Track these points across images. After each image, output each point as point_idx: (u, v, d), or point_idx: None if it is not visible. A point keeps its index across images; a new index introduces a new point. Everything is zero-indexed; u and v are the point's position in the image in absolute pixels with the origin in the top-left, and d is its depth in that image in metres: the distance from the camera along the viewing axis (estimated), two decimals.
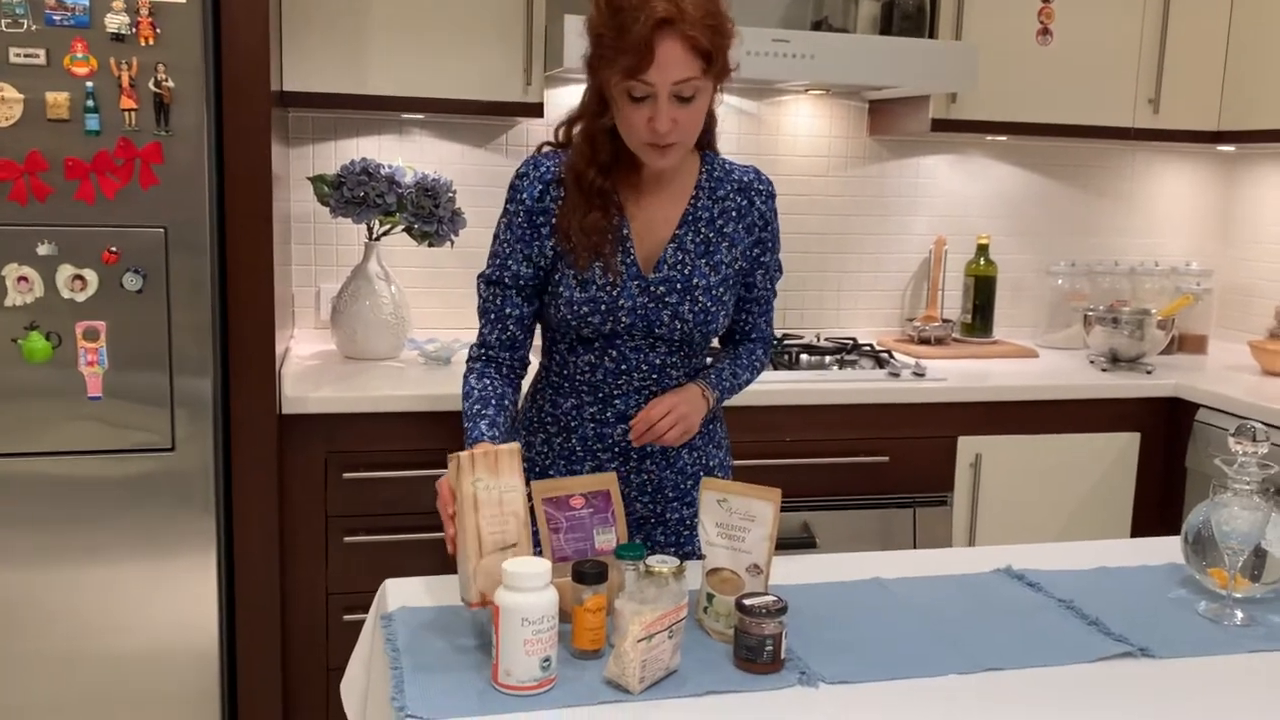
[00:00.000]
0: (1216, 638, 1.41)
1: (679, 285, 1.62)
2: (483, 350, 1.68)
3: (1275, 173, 3.25)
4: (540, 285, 1.65)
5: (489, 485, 1.28)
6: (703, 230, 1.65)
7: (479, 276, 1.68)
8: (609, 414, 1.67)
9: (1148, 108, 2.96)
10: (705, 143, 1.68)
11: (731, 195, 1.67)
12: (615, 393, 1.67)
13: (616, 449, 1.68)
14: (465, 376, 1.67)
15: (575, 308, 1.61)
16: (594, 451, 1.69)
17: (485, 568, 1.27)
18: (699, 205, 1.66)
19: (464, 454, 1.29)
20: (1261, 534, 1.44)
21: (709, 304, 1.64)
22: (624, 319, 1.61)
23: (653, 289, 1.62)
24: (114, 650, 2.12)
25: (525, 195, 1.62)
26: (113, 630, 2.11)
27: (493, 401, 1.62)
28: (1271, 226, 3.26)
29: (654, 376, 1.66)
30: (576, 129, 1.62)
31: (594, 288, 1.60)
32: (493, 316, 1.66)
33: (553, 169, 1.62)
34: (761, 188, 1.70)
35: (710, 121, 1.66)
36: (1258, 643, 1.40)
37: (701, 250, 1.64)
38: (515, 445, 1.33)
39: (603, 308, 1.61)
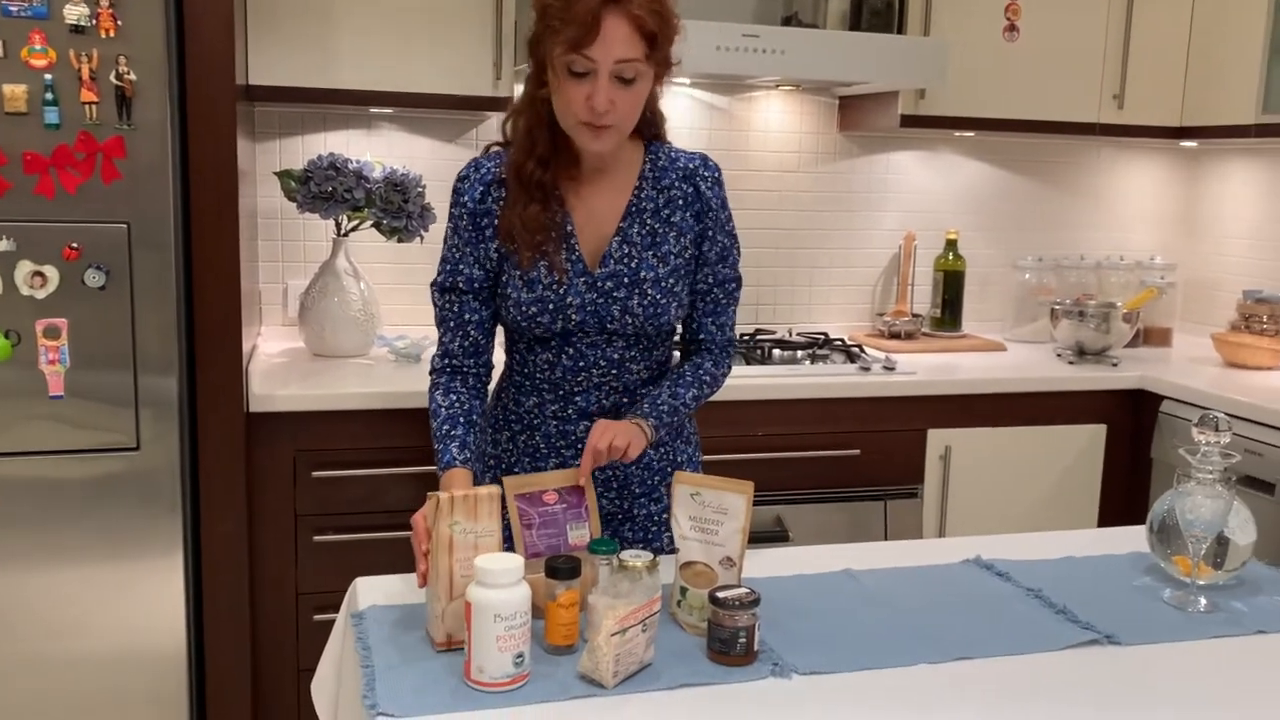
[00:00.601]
0: (1181, 624, 1.43)
1: (626, 279, 1.61)
2: (446, 361, 1.67)
3: (1237, 168, 3.30)
4: (493, 287, 1.65)
5: (466, 530, 1.29)
6: (648, 221, 1.64)
7: (432, 285, 1.67)
8: (570, 411, 1.67)
9: (1112, 104, 2.99)
10: (652, 135, 1.68)
11: (677, 183, 1.66)
12: (575, 390, 1.66)
13: (580, 445, 1.67)
14: (431, 393, 1.66)
15: (524, 309, 1.60)
16: (558, 448, 1.68)
17: (454, 610, 1.27)
18: (643, 196, 1.64)
19: (444, 496, 1.29)
20: (1224, 522, 1.46)
21: (658, 296, 1.62)
22: (574, 317, 1.61)
23: (600, 284, 1.61)
24: (79, 654, 2.09)
25: (467, 198, 1.62)
26: (78, 633, 2.08)
27: (461, 420, 1.60)
28: (1233, 220, 3.31)
29: (613, 372, 1.66)
30: (519, 122, 1.61)
31: (540, 287, 1.60)
32: (452, 324, 1.65)
33: (493, 170, 1.62)
34: (707, 173, 1.67)
35: (656, 116, 1.66)
36: (1221, 629, 1.42)
37: (648, 242, 1.63)
38: (495, 490, 1.33)
39: (551, 307, 1.60)
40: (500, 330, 1.71)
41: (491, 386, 1.76)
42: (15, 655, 2.06)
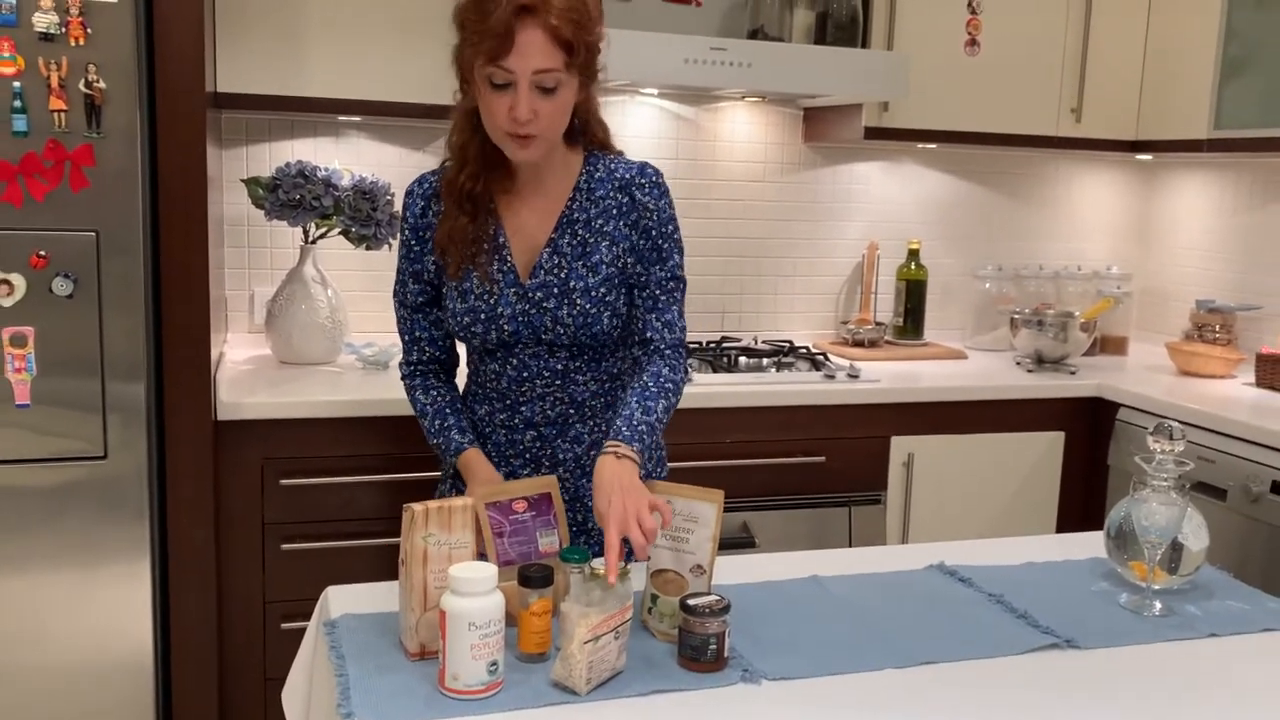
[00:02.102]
0: (1137, 628, 1.47)
1: (556, 290, 1.62)
2: (410, 366, 1.75)
3: (1189, 181, 3.38)
4: (438, 300, 1.70)
5: (440, 541, 1.30)
6: (579, 232, 1.64)
7: (393, 294, 1.75)
8: (517, 420, 1.69)
9: (1070, 117, 3.06)
10: (597, 146, 1.69)
11: (612, 194, 1.65)
12: (521, 400, 1.68)
13: (527, 455, 1.70)
14: (411, 394, 1.74)
15: (458, 319, 1.64)
16: (506, 458, 1.71)
17: (428, 620, 1.29)
18: (574, 207, 1.65)
19: (418, 507, 1.30)
20: (1178, 528, 1.50)
21: (588, 306, 1.62)
22: (505, 327, 1.63)
23: (530, 295, 1.63)
24: (44, 663, 2.07)
25: (409, 214, 1.68)
26: (42, 643, 2.06)
27: (448, 410, 1.70)
28: (1186, 232, 3.39)
29: (558, 383, 1.67)
30: (454, 138, 1.64)
31: (473, 298, 1.63)
32: (406, 339, 1.75)
33: (435, 184, 1.66)
34: (644, 181, 1.64)
35: (595, 125, 1.67)
36: (1175, 632, 1.46)
37: (578, 252, 1.63)
38: (469, 501, 1.34)
39: (483, 317, 1.63)
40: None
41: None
42: None
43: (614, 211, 1.65)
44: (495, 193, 1.63)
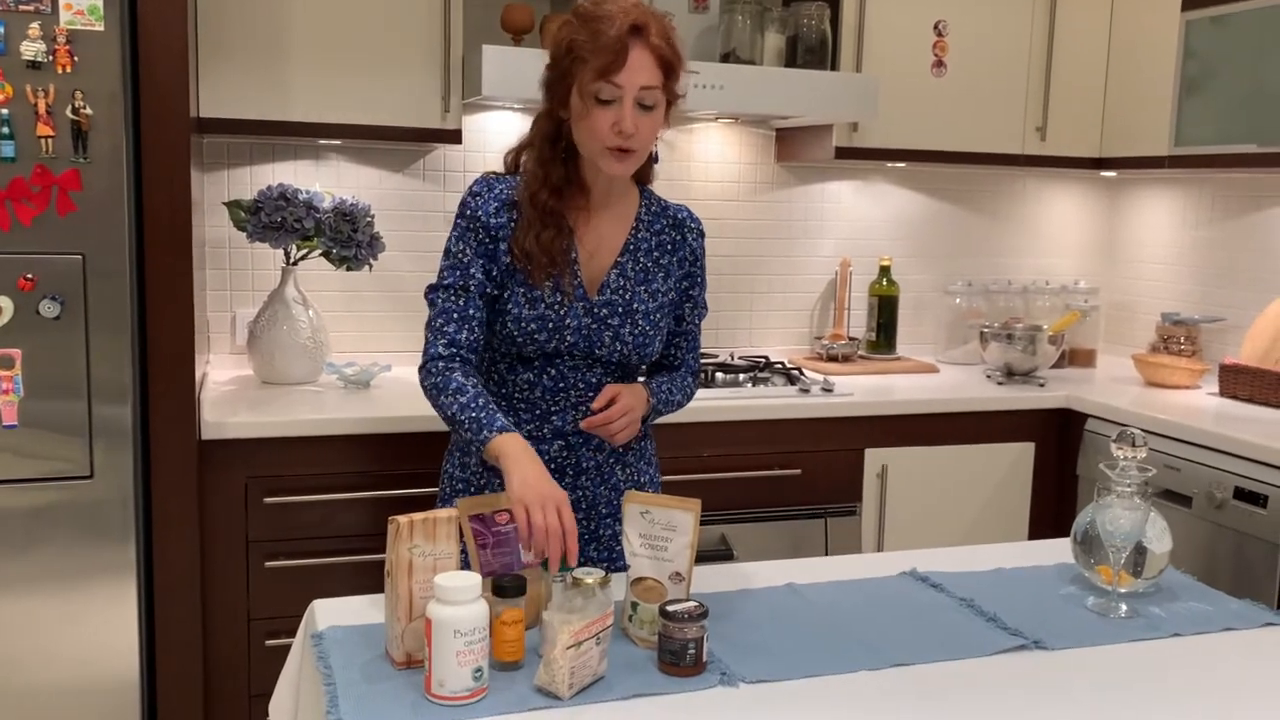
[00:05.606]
0: (1103, 629, 1.52)
1: (620, 309, 1.71)
2: (454, 350, 1.65)
3: (1153, 196, 3.47)
4: (493, 299, 1.70)
5: (425, 552, 1.34)
6: (641, 259, 1.75)
7: (433, 287, 1.68)
8: (545, 430, 1.73)
9: (1035, 136, 3.13)
10: (643, 177, 1.78)
11: (667, 230, 1.78)
12: (552, 409, 1.73)
13: (552, 465, 1.73)
14: (447, 375, 1.63)
15: (523, 325, 1.67)
16: None
17: (414, 630, 1.32)
18: (639, 236, 1.75)
19: (403, 519, 1.33)
20: (1141, 532, 1.55)
21: (647, 328, 1.73)
22: (568, 338, 1.69)
23: (596, 311, 1.70)
24: (32, 684, 2.08)
25: (481, 211, 1.68)
26: (30, 663, 2.07)
27: (489, 395, 1.62)
28: (1151, 246, 3.48)
29: (590, 395, 1.72)
30: (526, 156, 1.71)
31: (542, 306, 1.67)
32: (457, 318, 1.66)
33: (506, 191, 1.70)
34: (693, 225, 1.81)
35: (651, 157, 1.75)
36: (1139, 633, 1.51)
37: (641, 278, 1.74)
38: (453, 513, 1.37)
39: (549, 326, 1.68)
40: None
41: None
42: None
43: (669, 246, 1.77)
44: (568, 209, 1.70)
